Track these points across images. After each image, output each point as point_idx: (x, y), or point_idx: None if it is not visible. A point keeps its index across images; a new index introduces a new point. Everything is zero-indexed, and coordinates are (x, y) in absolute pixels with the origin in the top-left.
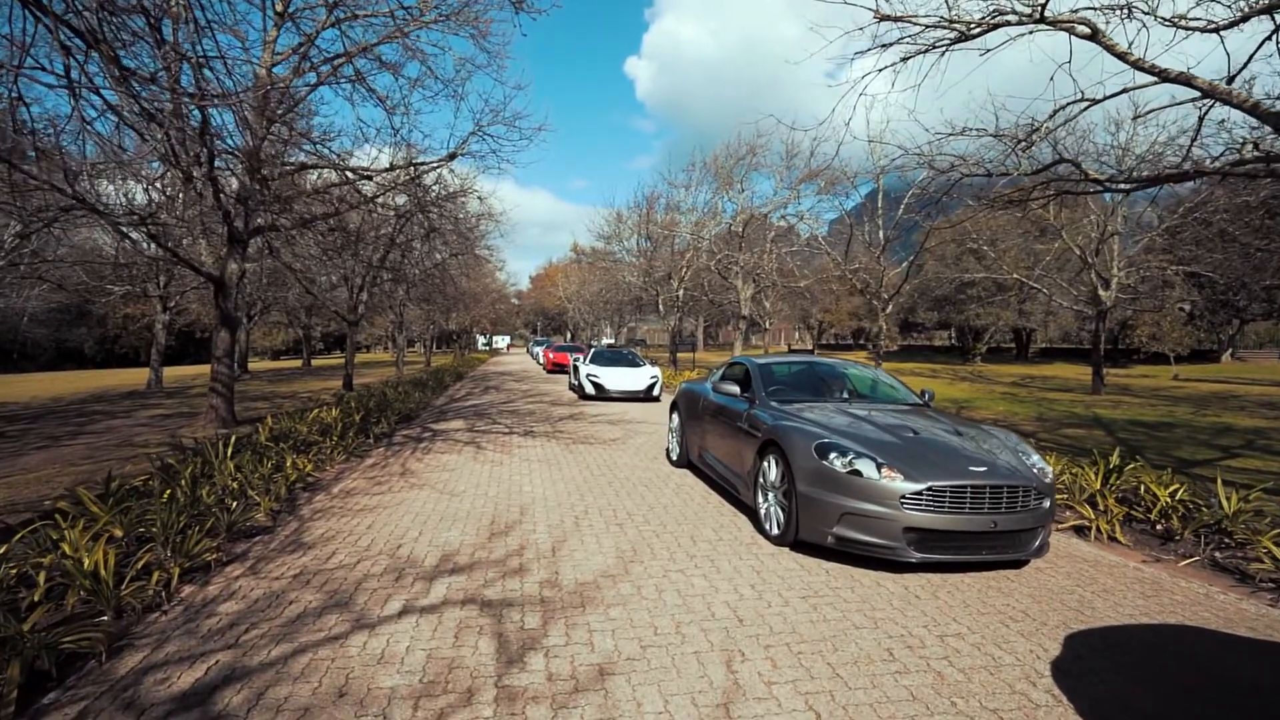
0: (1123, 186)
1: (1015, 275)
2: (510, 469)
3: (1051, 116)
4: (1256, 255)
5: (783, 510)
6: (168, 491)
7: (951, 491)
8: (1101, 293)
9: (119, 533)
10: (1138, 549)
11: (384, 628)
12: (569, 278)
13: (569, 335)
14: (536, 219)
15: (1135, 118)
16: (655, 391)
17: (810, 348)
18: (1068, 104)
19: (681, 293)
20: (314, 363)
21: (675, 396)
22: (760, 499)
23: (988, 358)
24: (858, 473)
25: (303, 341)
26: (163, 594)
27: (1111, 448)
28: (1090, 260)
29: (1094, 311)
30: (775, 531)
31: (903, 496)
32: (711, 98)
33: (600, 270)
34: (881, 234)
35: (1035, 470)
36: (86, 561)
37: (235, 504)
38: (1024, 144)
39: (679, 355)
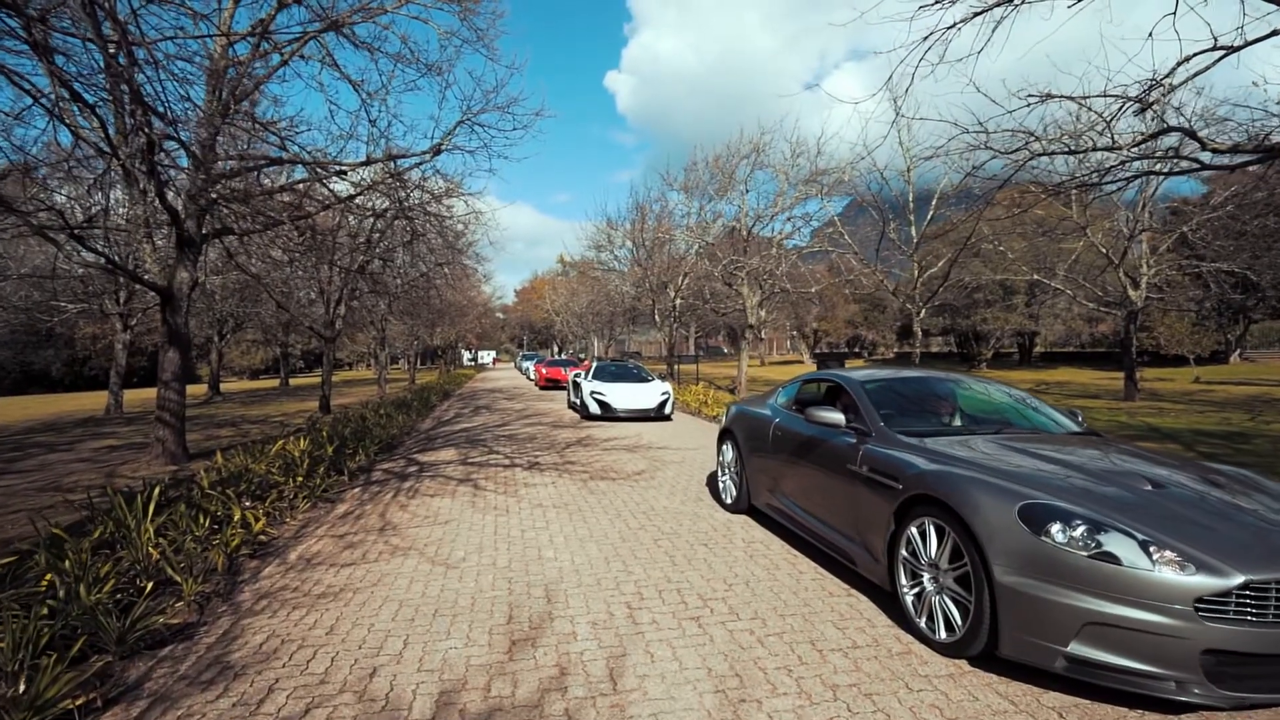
0: (1243, 158)
1: (1036, 276)
2: (520, 520)
3: (1174, 70)
4: None
5: (955, 604)
6: (47, 578)
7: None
8: (1131, 293)
9: None
10: None
11: None
12: (556, 290)
13: (556, 349)
14: (520, 233)
15: None
16: (667, 410)
17: (803, 358)
18: (1196, 54)
19: (679, 301)
20: (293, 382)
21: (726, 423)
22: (904, 579)
23: (991, 363)
24: (1109, 556)
25: (280, 360)
26: None
27: None
28: (1115, 260)
29: (1123, 313)
30: (943, 636)
31: (1199, 600)
32: (692, 110)
33: (590, 280)
34: (914, 232)
35: None
36: None
37: (149, 585)
38: (1136, 105)
39: (681, 368)
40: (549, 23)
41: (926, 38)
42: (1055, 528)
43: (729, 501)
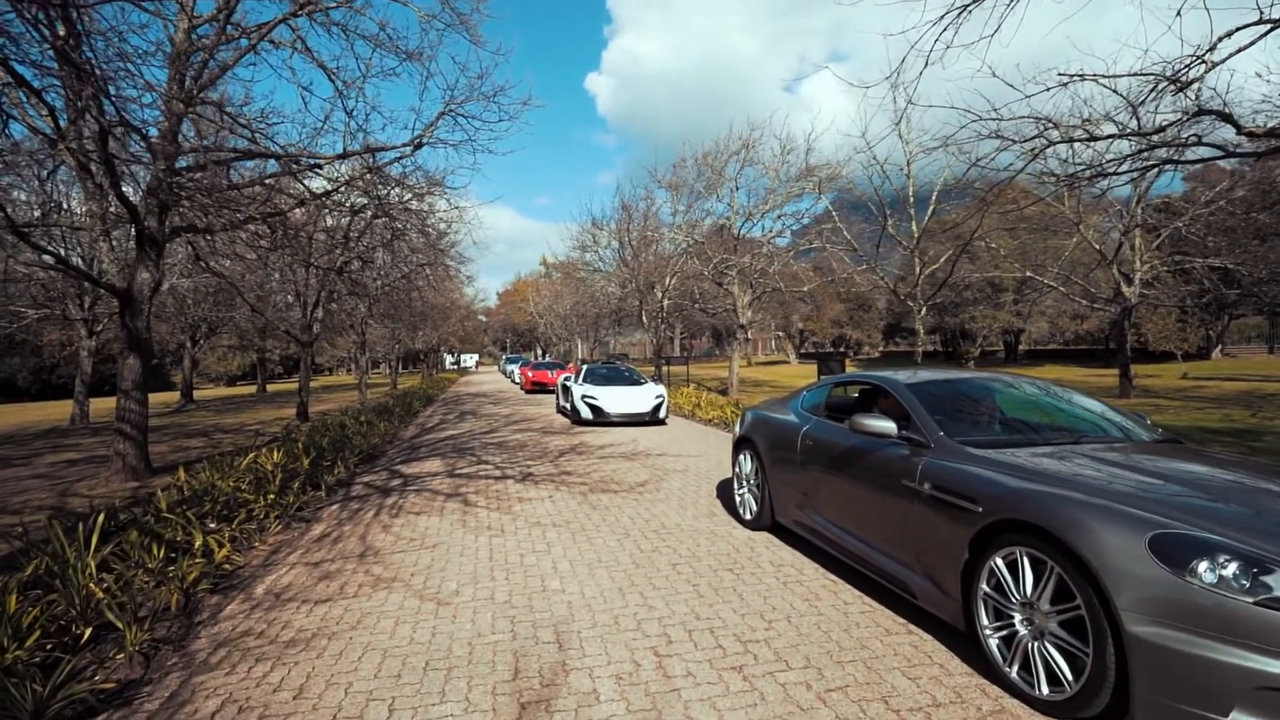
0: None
1: (1028, 273)
2: (518, 542)
3: (1216, 45)
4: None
5: (1061, 654)
6: None
7: None
8: (1125, 289)
9: None
10: None
11: None
12: (540, 292)
13: (540, 351)
14: (501, 236)
15: None
16: (662, 414)
17: (789, 358)
18: (1241, 27)
19: (666, 302)
20: (270, 388)
21: (743, 430)
22: (986, 619)
23: (979, 362)
24: None
25: (258, 366)
26: None
27: None
28: (1108, 256)
29: (1116, 309)
30: (1046, 691)
31: None
32: (673, 112)
33: (575, 282)
34: (914, 227)
35: None
36: None
37: (86, 633)
38: (1172, 85)
39: (670, 369)
40: (529, 25)
41: (942, 17)
42: (1202, 565)
43: (748, 517)
